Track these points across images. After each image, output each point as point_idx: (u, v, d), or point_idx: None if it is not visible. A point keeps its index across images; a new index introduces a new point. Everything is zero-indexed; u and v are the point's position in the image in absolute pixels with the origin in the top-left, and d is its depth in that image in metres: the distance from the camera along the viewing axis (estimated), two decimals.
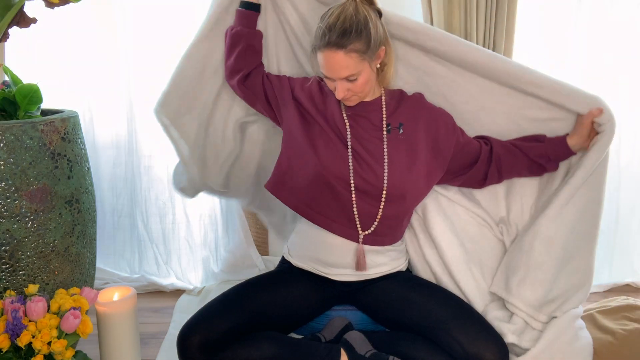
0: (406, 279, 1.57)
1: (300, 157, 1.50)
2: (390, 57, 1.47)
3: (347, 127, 1.49)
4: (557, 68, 2.00)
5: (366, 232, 1.49)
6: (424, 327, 1.45)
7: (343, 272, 1.52)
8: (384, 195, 1.46)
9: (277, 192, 1.53)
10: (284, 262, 1.64)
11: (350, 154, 1.47)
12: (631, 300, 1.51)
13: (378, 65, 1.44)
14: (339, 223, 1.49)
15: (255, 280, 1.57)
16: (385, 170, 1.46)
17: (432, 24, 1.87)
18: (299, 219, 1.60)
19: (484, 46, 1.86)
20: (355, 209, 1.47)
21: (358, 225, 1.49)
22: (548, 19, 1.99)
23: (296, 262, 1.58)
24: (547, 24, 1.99)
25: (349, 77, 1.38)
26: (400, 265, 1.59)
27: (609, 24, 1.96)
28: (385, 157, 1.46)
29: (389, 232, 1.53)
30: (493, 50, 1.87)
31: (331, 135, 1.49)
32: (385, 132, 1.49)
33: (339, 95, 1.40)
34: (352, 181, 1.45)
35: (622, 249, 2.11)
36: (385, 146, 1.47)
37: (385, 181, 1.45)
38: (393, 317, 1.53)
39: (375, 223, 1.49)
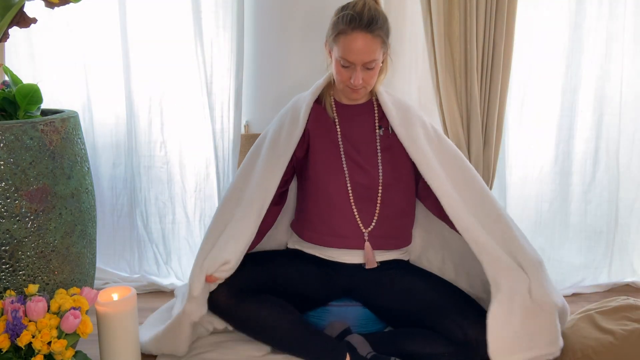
0: (407, 268, 1.61)
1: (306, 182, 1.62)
2: (387, 63, 1.56)
3: (338, 129, 1.57)
4: (557, 68, 2.01)
5: (369, 229, 1.54)
6: (424, 314, 1.48)
7: (349, 254, 1.58)
8: (380, 191, 1.53)
9: (300, 233, 1.64)
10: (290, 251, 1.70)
11: (343, 155, 1.55)
12: (631, 300, 1.51)
13: (381, 63, 1.52)
14: (348, 238, 1.56)
15: (272, 252, 1.67)
16: (380, 169, 1.54)
17: (431, 24, 1.87)
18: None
19: (483, 47, 1.87)
20: (355, 211, 1.54)
21: (360, 226, 1.54)
22: (548, 19, 1.99)
23: (304, 250, 1.65)
24: (548, 24, 1.99)
25: (370, 62, 1.45)
26: (402, 257, 1.65)
27: (608, 23, 1.96)
28: (379, 156, 1.55)
29: (392, 231, 1.57)
30: (492, 50, 1.88)
31: (325, 144, 1.57)
32: (377, 134, 1.57)
33: (357, 81, 1.46)
34: (348, 184, 1.53)
35: (622, 249, 2.11)
36: (378, 146, 1.56)
37: (381, 178, 1.53)
38: (394, 306, 1.55)
39: (375, 219, 1.54)
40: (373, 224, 1.54)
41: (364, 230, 1.54)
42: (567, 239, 2.10)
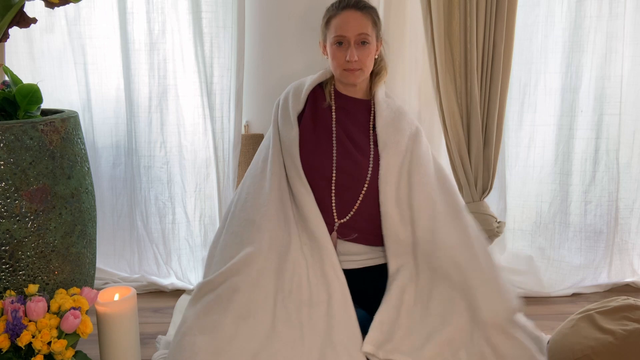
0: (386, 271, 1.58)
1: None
2: (384, 63, 1.61)
3: (333, 115, 1.58)
4: (557, 68, 2.01)
5: (343, 220, 1.54)
6: None
7: None
8: (366, 185, 1.53)
9: None
10: None
11: (334, 141, 1.56)
12: (631, 300, 1.51)
13: (377, 56, 1.57)
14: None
15: None
16: (371, 162, 1.54)
17: (431, 24, 1.87)
18: None
19: (483, 47, 1.87)
20: (333, 200, 1.54)
21: (334, 215, 1.54)
22: (548, 18, 1.99)
23: None
24: (548, 24, 1.99)
25: (362, 36, 1.50)
26: (378, 259, 1.60)
27: (608, 23, 1.96)
28: (371, 152, 1.56)
29: (365, 227, 1.56)
30: (492, 50, 1.88)
31: (318, 126, 1.58)
32: (371, 131, 1.59)
33: (351, 56, 1.50)
34: (334, 170, 1.53)
35: (622, 249, 2.12)
36: (371, 143, 1.57)
37: (370, 172, 1.53)
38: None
39: (352, 212, 1.54)
40: (348, 216, 1.54)
41: (336, 221, 1.54)
42: (567, 239, 2.10)
